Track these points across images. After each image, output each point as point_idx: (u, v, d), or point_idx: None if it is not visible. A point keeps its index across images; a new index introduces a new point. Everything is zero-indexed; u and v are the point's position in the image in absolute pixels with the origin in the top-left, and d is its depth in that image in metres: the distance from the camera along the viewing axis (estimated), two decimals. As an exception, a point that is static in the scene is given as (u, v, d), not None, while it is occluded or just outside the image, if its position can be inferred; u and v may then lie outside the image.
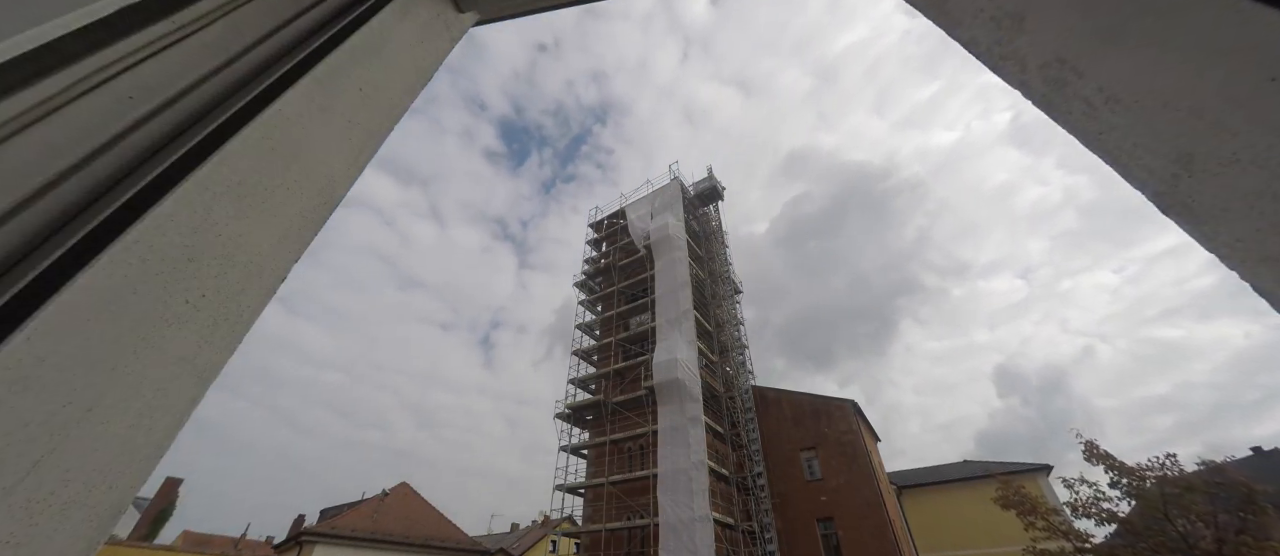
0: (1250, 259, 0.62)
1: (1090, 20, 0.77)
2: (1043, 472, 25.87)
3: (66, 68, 0.75)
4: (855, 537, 20.78)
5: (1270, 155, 0.60)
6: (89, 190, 0.75)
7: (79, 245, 0.68)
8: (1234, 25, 0.62)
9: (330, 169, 1.04)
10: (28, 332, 0.60)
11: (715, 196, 32.84)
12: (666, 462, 19.75)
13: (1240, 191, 0.62)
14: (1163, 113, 0.69)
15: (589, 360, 27.72)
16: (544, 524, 38.12)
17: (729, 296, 29.20)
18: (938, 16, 1.04)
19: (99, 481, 0.64)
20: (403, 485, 27.39)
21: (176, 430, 0.75)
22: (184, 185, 0.78)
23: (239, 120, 0.90)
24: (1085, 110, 0.78)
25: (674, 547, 17.94)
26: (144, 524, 27.00)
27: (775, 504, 22.87)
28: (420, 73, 1.37)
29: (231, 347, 0.83)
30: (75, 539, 0.62)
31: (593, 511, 22.84)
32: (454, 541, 26.51)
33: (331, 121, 1.06)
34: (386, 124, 1.23)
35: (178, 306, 0.75)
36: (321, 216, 1.02)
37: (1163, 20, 0.69)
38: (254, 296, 0.87)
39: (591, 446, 24.56)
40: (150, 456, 0.71)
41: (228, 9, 0.99)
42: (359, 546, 22.46)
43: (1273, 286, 0.60)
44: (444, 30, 1.46)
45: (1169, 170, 0.69)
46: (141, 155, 0.82)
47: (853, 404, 24.20)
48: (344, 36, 1.13)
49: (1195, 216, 0.67)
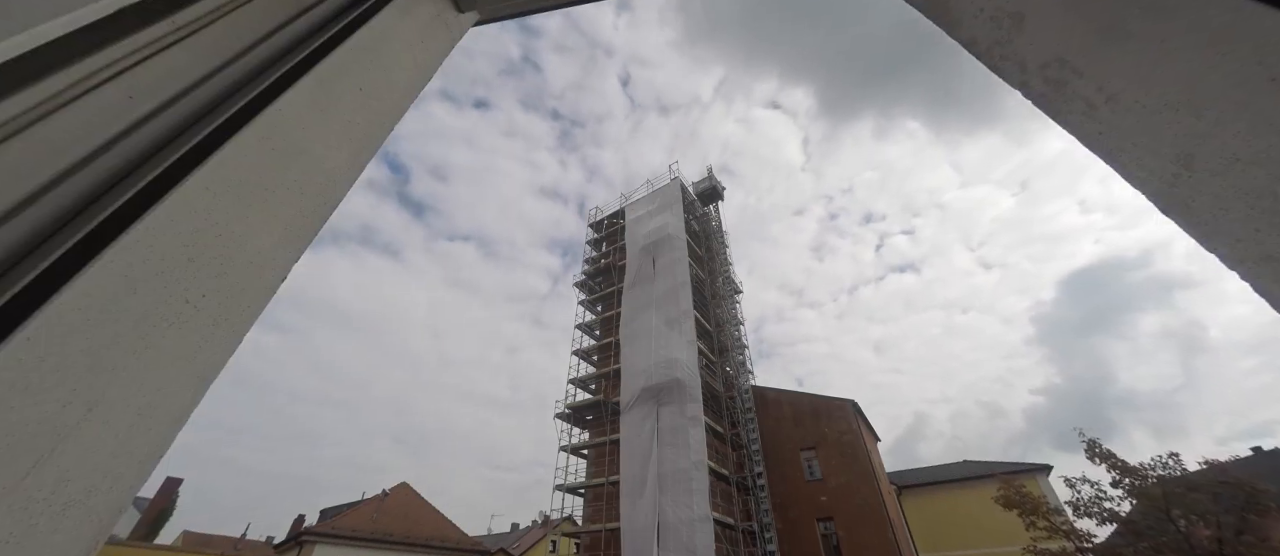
0: (1250, 259, 0.62)
1: (1090, 20, 0.77)
2: (1043, 472, 25.88)
3: (66, 68, 0.75)
4: (855, 537, 20.78)
5: (1270, 155, 0.60)
6: (89, 190, 0.75)
7: (79, 245, 0.68)
8: (1234, 26, 0.62)
9: (330, 169, 1.04)
10: (28, 332, 0.60)
11: (715, 196, 32.83)
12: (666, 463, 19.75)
13: (1240, 191, 0.62)
14: (1163, 113, 0.69)
15: (589, 360, 27.72)
16: (544, 524, 38.13)
17: (729, 296, 29.19)
18: (938, 16, 1.04)
19: (99, 481, 0.64)
20: (403, 485, 27.40)
21: (176, 430, 0.75)
22: (184, 185, 0.78)
23: (239, 120, 0.90)
24: (1085, 110, 0.78)
25: (674, 547, 17.95)
26: (144, 524, 27.01)
27: (775, 504, 22.86)
28: (421, 72, 1.37)
29: (231, 347, 0.83)
30: (75, 539, 0.62)
31: (593, 511, 22.84)
32: (454, 541, 26.52)
33: (331, 121, 1.06)
34: (387, 124, 1.23)
35: (178, 306, 0.74)
36: (321, 216, 1.02)
37: (1163, 20, 0.69)
38: (254, 296, 0.87)
39: (591, 446, 24.56)
40: (150, 456, 0.71)
41: (228, 9, 0.99)
42: (359, 546, 22.46)
43: (1273, 286, 0.60)
44: (444, 30, 1.46)
45: (1169, 170, 0.69)
46: (141, 155, 0.82)
47: (852, 403, 24.19)
48: (344, 36, 1.13)
49: (1195, 216, 0.67)
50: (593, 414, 25.45)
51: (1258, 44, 0.61)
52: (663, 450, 20.27)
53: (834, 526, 21.56)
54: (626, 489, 20.52)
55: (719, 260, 30.68)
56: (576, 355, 27.82)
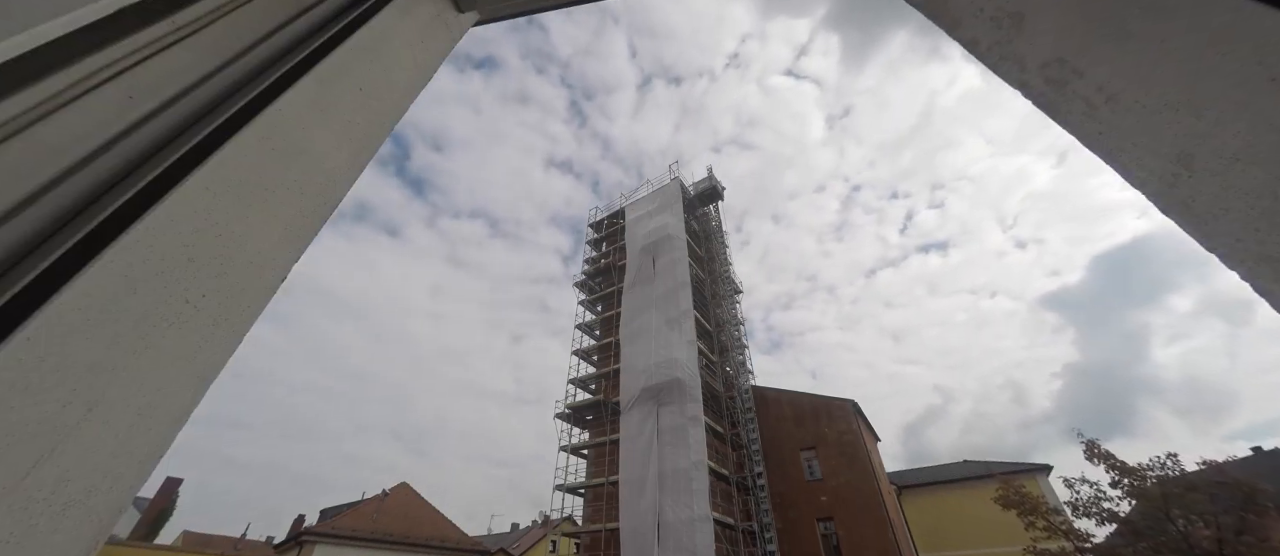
0: (1250, 259, 0.62)
1: (1090, 20, 0.77)
2: (1043, 472, 25.88)
3: (66, 68, 0.75)
4: (855, 537, 20.78)
5: (1270, 155, 0.60)
6: (89, 190, 0.75)
7: (79, 245, 0.68)
8: (1234, 26, 0.62)
9: (330, 169, 1.04)
10: (28, 332, 0.60)
11: (715, 196, 32.81)
12: (666, 463, 19.75)
13: (1240, 191, 0.62)
14: (1163, 113, 0.69)
15: (589, 360, 27.72)
16: (544, 524, 38.13)
17: (729, 296, 29.19)
18: (938, 16, 1.04)
19: (99, 481, 0.64)
20: (403, 485, 27.40)
21: (176, 430, 0.75)
22: (184, 185, 0.78)
23: (239, 120, 0.90)
24: (1085, 110, 0.78)
25: (673, 548, 17.95)
26: (144, 524, 27.01)
27: (775, 504, 22.86)
28: (421, 72, 1.37)
29: (231, 347, 0.83)
30: (75, 539, 0.62)
31: (593, 511, 22.84)
32: (454, 541, 26.52)
33: (331, 121, 1.06)
34: (387, 124, 1.23)
35: (178, 306, 0.74)
36: (321, 216, 1.02)
37: (1163, 20, 0.69)
38: (254, 296, 0.87)
39: (592, 446, 24.57)
40: (150, 456, 0.71)
41: (228, 9, 0.99)
42: (359, 546, 22.46)
43: (1273, 286, 0.60)
44: (444, 30, 1.46)
45: (1169, 170, 0.69)
46: (141, 155, 0.82)
47: (853, 403, 24.19)
48: (344, 36, 1.13)
49: (1195, 216, 0.67)
50: (593, 414, 25.45)
51: (1258, 44, 0.61)
52: (663, 450, 20.27)
53: (834, 526, 21.57)
54: (626, 489, 20.53)
55: (719, 260, 30.67)
56: (576, 355, 27.83)
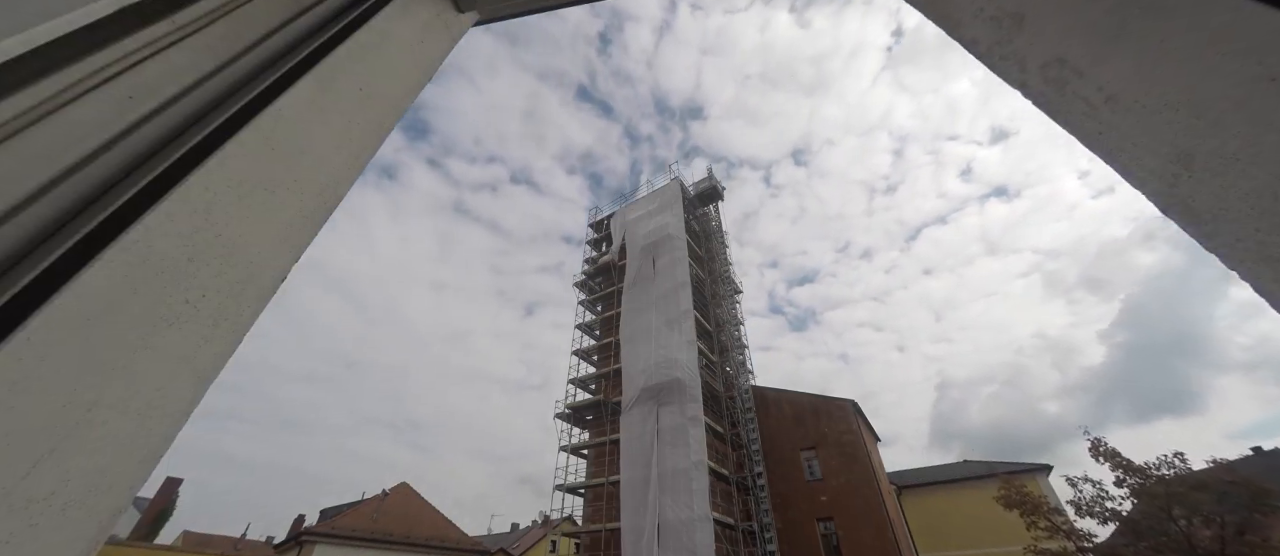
0: (1250, 259, 0.62)
1: (1090, 20, 0.77)
2: (1044, 472, 25.88)
3: (66, 68, 0.75)
4: (855, 537, 20.77)
5: (1270, 155, 0.60)
6: (89, 190, 0.75)
7: (79, 245, 0.68)
8: (1234, 26, 0.62)
9: (330, 169, 1.04)
10: (28, 332, 0.60)
11: (715, 196, 32.83)
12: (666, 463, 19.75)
13: (1240, 191, 0.62)
14: (1163, 113, 0.69)
15: (589, 360, 27.73)
16: (544, 524, 38.14)
17: (729, 296, 29.19)
18: (938, 16, 1.04)
19: (99, 481, 0.64)
20: (403, 485, 27.40)
21: (176, 430, 0.75)
22: (184, 185, 0.78)
23: (239, 120, 0.90)
24: (1085, 110, 0.78)
25: (673, 547, 17.95)
26: (144, 524, 27.01)
27: (775, 504, 22.86)
28: (421, 72, 1.37)
29: (231, 347, 0.83)
30: (75, 539, 0.62)
31: (593, 511, 22.84)
32: (454, 541, 26.52)
33: (331, 121, 1.06)
34: (387, 124, 1.23)
35: (178, 306, 0.75)
36: (321, 216, 1.02)
37: (1163, 20, 0.69)
38: (254, 296, 0.87)
39: (592, 446, 24.57)
40: (150, 456, 0.71)
41: (228, 9, 0.99)
42: (359, 546, 22.46)
43: (1273, 286, 0.60)
44: (444, 30, 1.46)
45: (1169, 170, 0.69)
46: (141, 155, 0.82)
47: (853, 403, 24.18)
48: (344, 36, 1.13)
49: (1195, 216, 0.67)
50: (593, 414, 25.45)
51: (1258, 44, 0.61)
52: (663, 450, 20.27)
53: (834, 526, 21.56)
54: (626, 489, 20.53)
55: (719, 260, 30.68)
56: (576, 355, 27.84)
